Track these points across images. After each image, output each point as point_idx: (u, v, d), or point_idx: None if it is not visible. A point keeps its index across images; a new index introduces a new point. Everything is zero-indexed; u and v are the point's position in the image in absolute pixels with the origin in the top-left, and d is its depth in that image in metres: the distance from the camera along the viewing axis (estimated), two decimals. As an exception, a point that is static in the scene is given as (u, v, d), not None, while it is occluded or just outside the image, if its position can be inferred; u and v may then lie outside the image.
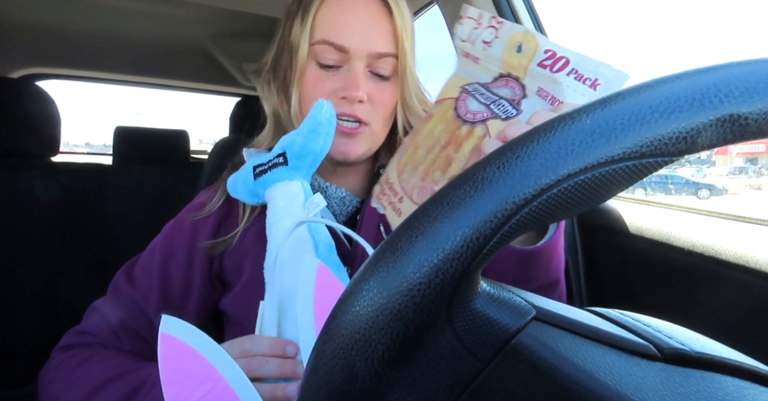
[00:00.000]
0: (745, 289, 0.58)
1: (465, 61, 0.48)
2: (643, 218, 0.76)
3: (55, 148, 1.27)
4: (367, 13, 0.56)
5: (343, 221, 0.63)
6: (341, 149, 0.58)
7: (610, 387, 0.19)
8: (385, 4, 0.57)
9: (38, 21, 1.30)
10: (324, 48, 0.56)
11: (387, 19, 0.57)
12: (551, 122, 0.20)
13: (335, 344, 0.20)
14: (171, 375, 0.38)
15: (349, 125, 0.57)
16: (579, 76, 0.39)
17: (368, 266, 0.20)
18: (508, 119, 0.41)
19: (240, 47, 1.45)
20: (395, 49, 0.57)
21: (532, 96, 0.42)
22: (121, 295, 0.59)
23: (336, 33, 0.56)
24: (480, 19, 0.46)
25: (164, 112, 68.82)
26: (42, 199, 1.18)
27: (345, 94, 0.56)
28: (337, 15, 0.56)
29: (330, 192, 0.62)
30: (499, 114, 0.42)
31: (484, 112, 0.43)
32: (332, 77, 0.57)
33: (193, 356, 0.39)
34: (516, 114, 0.41)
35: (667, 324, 0.24)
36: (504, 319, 0.20)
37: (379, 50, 0.56)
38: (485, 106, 0.43)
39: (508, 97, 0.43)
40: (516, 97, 0.43)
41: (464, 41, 0.47)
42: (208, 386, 0.38)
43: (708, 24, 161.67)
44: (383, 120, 0.60)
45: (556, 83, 0.39)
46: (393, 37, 0.57)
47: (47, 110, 1.21)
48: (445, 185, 0.20)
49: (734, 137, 0.19)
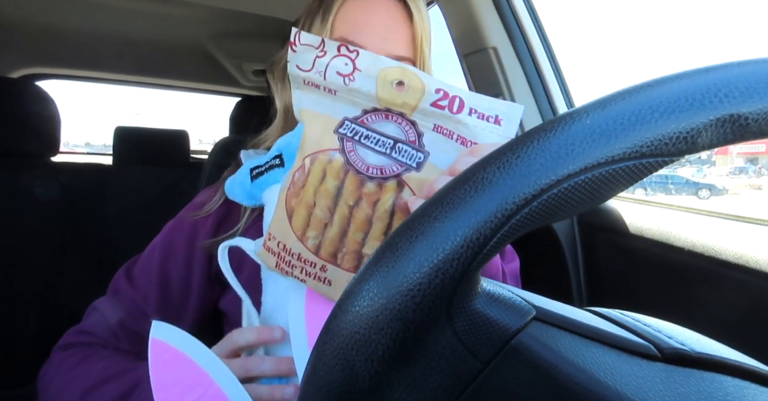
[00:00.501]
0: (745, 289, 0.58)
1: (311, 91, 0.43)
2: (643, 218, 0.76)
3: (55, 148, 1.27)
4: (388, 15, 0.56)
5: None
6: None
7: (610, 387, 0.19)
8: (406, 8, 0.57)
9: (38, 21, 1.30)
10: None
11: (407, 23, 0.57)
12: (551, 122, 0.20)
13: (335, 344, 0.20)
14: (162, 380, 0.38)
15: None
16: (480, 115, 0.38)
17: (368, 266, 0.20)
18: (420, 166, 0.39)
19: (240, 47, 1.45)
20: (413, 54, 0.57)
21: (428, 133, 0.40)
22: (120, 295, 0.59)
23: (356, 33, 0.56)
24: (322, 46, 0.41)
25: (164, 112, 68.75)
26: (42, 199, 1.18)
27: None
28: (358, 15, 0.56)
29: None
30: (409, 163, 0.40)
31: (392, 165, 0.40)
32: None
33: (184, 361, 0.39)
34: (425, 157, 0.40)
35: (667, 324, 0.24)
36: (504, 319, 0.20)
37: (396, 53, 0.56)
38: (386, 155, 0.40)
39: (400, 137, 0.40)
40: (410, 137, 0.40)
41: (306, 71, 0.42)
42: (200, 391, 0.38)
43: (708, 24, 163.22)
44: None
45: (460, 124, 0.39)
46: (412, 41, 0.57)
47: (47, 110, 1.21)
48: (445, 185, 0.20)
49: (734, 137, 0.19)
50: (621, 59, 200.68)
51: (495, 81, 1.01)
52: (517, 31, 0.99)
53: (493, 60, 1.00)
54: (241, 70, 1.63)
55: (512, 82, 1.00)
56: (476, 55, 1.03)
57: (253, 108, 1.48)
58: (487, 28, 0.99)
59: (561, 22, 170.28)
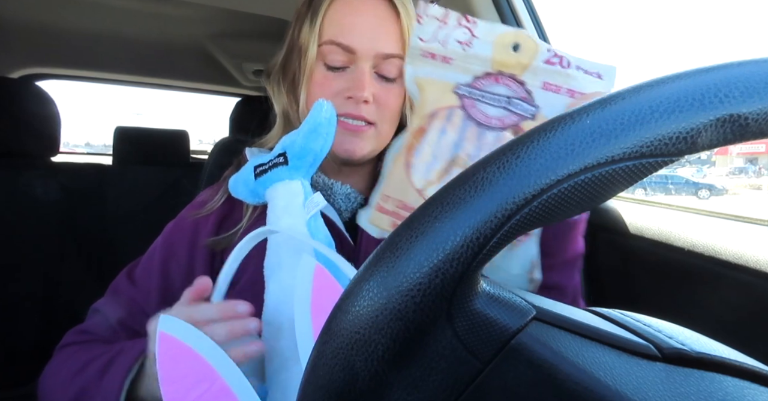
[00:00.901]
0: (745, 289, 0.58)
1: (427, 62, 0.47)
2: (643, 218, 0.76)
3: (55, 148, 1.27)
4: (375, 14, 0.57)
5: (348, 218, 0.63)
6: (346, 147, 0.58)
7: (610, 387, 0.19)
8: (392, 5, 0.58)
9: (38, 21, 1.30)
10: (331, 49, 0.57)
11: (394, 21, 0.58)
12: (551, 122, 0.20)
13: (335, 344, 0.20)
14: (169, 374, 0.38)
15: (355, 122, 0.58)
16: (585, 71, 0.42)
17: (368, 266, 0.20)
18: (535, 117, 0.43)
19: (240, 47, 1.45)
20: (402, 51, 0.58)
21: (537, 91, 0.43)
22: (121, 294, 0.59)
23: (344, 34, 0.57)
24: (446, 18, 0.45)
25: (164, 112, 68.66)
26: (42, 199, 1.18)
27: (351, 94, 0.57)
28: (345, 16, 0.57)
29: (335, 189, 0.63)
30: (525, 114, 0.43)
31: (510, 116, 0.43)
32: (339, 78, 0.58)
33: (190, 355, 0.39)
34: (537, 110, 0.43)
35: (667, 324, 0.24)
36: (504, 319, 0.20)
37: (385, 51, 0.57)
38: (503, 108, 0.44)
39: (511, 95, 0.44)
40: (520, 94, 0.44)
41: (427, 41, 0.46)
42: (206, 385, 0.38)
43: (708, 24, 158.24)
44: (390, 121, 0.61)
45: (569, 77, 0.43)
46: (400, 38, 0.58)
47: (47, 110, 1.22)
48: (446, 185, 0.20)
49: (734, 137, 0.19)
50: (621, 59, 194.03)
51: (495, 81, 1.01)
52: (517, 31, 0.99)
53: (493, 60, 1.00)
54: (241, 70, 1.63)
55: (512, 82, 0.99)
56: (476, 55, 1.03)
57: (253, 108, 1.48)
58: (487, 28, 0.99)
59: (561, 22, 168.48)
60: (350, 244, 0.59)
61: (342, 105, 0.57)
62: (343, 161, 0.61)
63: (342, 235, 0.58)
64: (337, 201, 0.62)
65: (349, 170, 0.64)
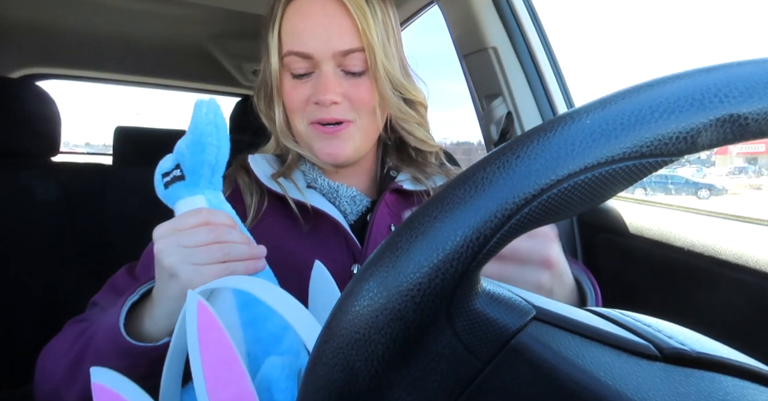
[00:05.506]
0: (745, 289, 0.58)
1: None
2: (643, 218, 0.76)
3: (55, 148, 1.26)
4: (324, 14, 0.56)
5: (354, 221, 0.63)
6: (328, 151, 0.58)
7: (610, 386, 0.19)
8: (339, 1, 0.56)
9: (38, 21, 1.30)
10: (292, 59, 0.57)
11: (345, 15, 0.56)
12: (551, 122, 0.20)
13: (335, 344, 0.20)
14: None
15: (330, 126, 0.58)
16: None
17: (368, 266, 0.20)
18: None
19: (240, 47, 1.45)
20: (360, 43, 0.57)
21: None
22: (119, 286, 0.59)
23: (298, 41, 0.56)
24: None
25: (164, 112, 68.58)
26: (42, 199, 1.18)
27: (316, 99, 0.56)
28: (297, 23, 0.57)
29: (341, 192, 0.62)
30: None
31: None
32: (305, 84, 0.58)
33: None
34: None
35: (667, 324, 0.24)
36: (504, 319, 0.20)
37: (342, 48, 0.56)
38: None
39: None
40: None
41: None
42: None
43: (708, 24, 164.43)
44: (368, 114, 0.60)
45: None
46: (356, 31, 0.57)
47: (47, 110, 1.21)
48: (446, 185, 0.20)
49: (734, 137, 0.19)
50: (621, 59, 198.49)
51: (495, 81, 1.01)
52: (517, 31, 0.99)
53: (493, 60, 1.00)
54: (241, 70, 1.63)
55: (512, 82, 1.00)
56: (476, 55, 1.03)
57: (252, 108, 1.47)
58: (487, 28, 0.99)
59: (561, 22, 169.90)
60: (357, 246, 0.58)
61: (313, 111, 0.57)
62: (332, 165, 0.61)
63: (348, 236, 0.58)
64: (342, 204, 0.62)
65: (347, 171, 0.64)
